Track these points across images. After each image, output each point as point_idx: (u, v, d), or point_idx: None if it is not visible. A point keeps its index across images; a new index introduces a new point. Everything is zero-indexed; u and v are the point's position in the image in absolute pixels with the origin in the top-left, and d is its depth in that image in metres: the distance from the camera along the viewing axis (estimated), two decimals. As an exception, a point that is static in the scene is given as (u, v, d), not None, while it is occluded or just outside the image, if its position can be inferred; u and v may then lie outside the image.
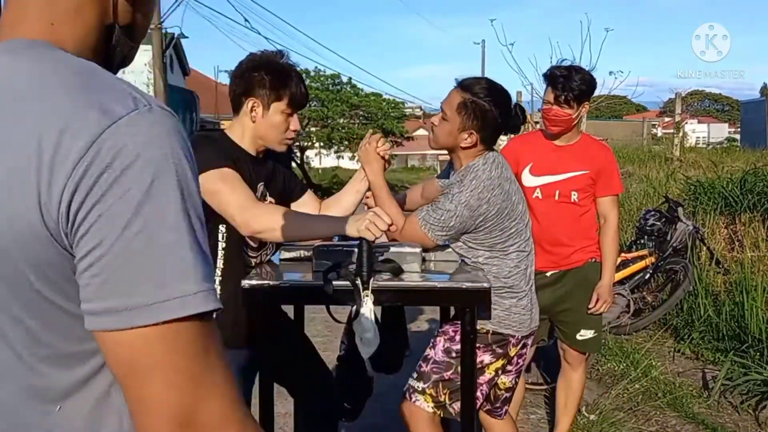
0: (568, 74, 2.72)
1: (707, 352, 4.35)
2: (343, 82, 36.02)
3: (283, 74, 2.01)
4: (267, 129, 2.03)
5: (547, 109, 2.79)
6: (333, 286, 1.85)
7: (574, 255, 2.93)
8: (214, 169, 1.88)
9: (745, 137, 24.19)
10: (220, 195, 1.88)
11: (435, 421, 2.29)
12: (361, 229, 1.82)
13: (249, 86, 2.01)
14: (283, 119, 2.03)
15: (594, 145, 2.99)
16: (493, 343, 2.26)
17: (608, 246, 2.94)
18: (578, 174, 2.86)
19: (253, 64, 2.02)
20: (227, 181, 1.89)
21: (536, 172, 2.88)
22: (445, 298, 2.06)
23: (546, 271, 2.91)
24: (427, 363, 2.30)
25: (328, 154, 42.62)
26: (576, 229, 2.91)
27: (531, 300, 2.32)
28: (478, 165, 2.19)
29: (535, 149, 2.91)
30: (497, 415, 2.48)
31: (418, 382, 2.30)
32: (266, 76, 1.99)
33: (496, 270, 2.22)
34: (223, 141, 2.04)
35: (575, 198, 2.88)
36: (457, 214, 2.12)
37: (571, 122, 2.79)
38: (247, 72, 2.01)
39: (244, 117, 2.03)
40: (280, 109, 2.02)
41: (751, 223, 5.98)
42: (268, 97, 2.00)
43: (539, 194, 2.87)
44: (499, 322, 2.25)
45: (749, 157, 10.73)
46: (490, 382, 2.32)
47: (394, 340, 2.49)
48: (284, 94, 2.01)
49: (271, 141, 2.07)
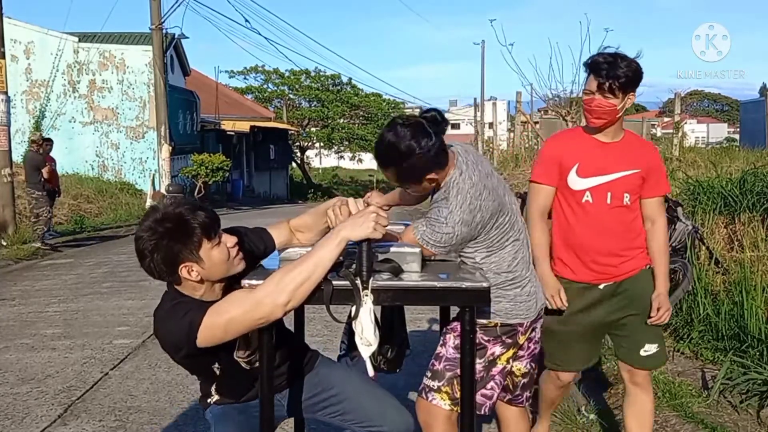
0: (613, 61, 2.49)
1: (707, 352, 4.35)
2: (344, 83, 36.04)
3: (180, 227, 1.87)
4: (216, 271, 1.94)
5: (588, 99, 2.53)
6: (333, 285, 1.86)
7: (627, 264, 2.68)
8: (203, 317, 1.84)
9: (744, 137, 24.16)
10: (234, 321, 1.83)
11: (452, 419, 2.30)
12: (368, 231, 1.82)
13: (168, 261, 1.89)
14: (219, 250, 1.92)
15: (640, 142, 2.78)
16: (502, 335, 2.28)
17: (660, 251, 2.71)
18: (629, 173, 2.61)
19: (152, 244, 1.87)
20: (223, 310, 1.85)
21: (584, 173, 2.61)
22: (445, 298, 2.06)
23: (598, 283, 2.68)
24: (440, 361, 2.31)
25: (329, 154, 42.68)
26: (629, 235, 2.67)
27: (534, 284, 2.34)
28: (455, 178, 2.15)
29: (579, 148, 2.64)
30: (518, 402, 2.51)
31: (432, 380, 2.31)
32: (171, 243, 1.86)
33: (496, 266, 2.24)
34: (188, 299, 1.96)
35: (627, 201, 2.62)
36: (456, 233, 2.12)
37: (615, 114, 2.53)
38: (154, 253, 1.87)
39: (189, 282, 1.94)
40: (208, 248, 1.90)
41: (751, 222, 5.98)
42: (192, 254, 1.88)
43: (590, 197, 2.61)
44: (506, 314, 2.27)
45: (748, 157, 10.73)
46: (503, 372, 2.34)
47: (394, 340, 2.50)
48: (199, 238, 1.88)
49: (227, 272, 1.96)
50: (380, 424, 2.18)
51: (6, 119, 10.90)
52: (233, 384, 2.12)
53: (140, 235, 1.90)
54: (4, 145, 10.89)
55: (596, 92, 2.51)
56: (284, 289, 1.80)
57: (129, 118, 20.07)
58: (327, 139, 36.83)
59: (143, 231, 1.89)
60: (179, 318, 1.88)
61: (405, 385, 3.62)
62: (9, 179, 10.99)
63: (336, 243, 1.85)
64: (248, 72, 36.91)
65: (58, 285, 7.67)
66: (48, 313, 6.28)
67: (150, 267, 1.91)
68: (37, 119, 19.39)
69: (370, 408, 2.20)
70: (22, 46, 19.30)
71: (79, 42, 19.92)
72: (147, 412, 3.79)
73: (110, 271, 8.61)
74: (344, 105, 35.68)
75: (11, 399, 4.03)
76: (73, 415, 3.78)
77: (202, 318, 1.84)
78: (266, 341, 1.91)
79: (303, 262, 1.84)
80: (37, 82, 19.63)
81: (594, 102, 2.51)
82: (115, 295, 7.03)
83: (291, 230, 2.26)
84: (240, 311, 1.83)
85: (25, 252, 10.03)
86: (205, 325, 1.84)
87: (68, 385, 4.25)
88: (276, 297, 1.80)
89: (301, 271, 1.82)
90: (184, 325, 1.86)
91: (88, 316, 6.14)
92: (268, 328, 1.89)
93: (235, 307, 1.84)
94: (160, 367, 4.58)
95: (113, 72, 19.94)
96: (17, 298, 6.98)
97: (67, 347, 5.11)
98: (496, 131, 26.10)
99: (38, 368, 4.60)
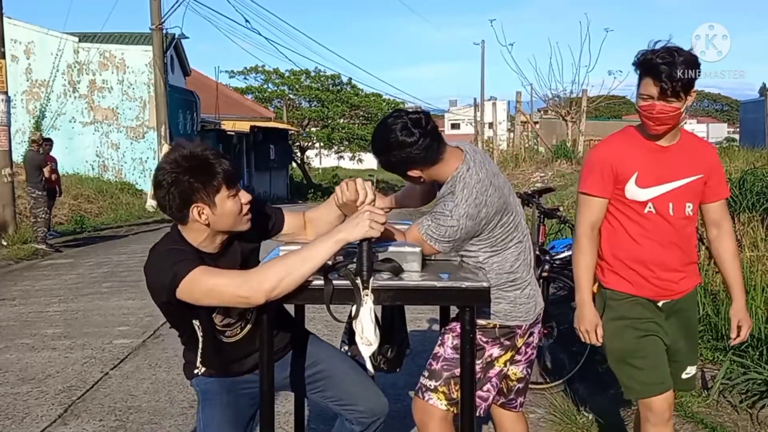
0: (671, 59, 2.19)
1: (706, 352, 4.35)
2: (344, 83, 36.04)
3: (203, 166, 1.90)
4: (225, 221, 1.95)
5: (648, 106, 2.23)
6: (333, 285, 1.86)
7: (685, 281, 2.45)
8: (189, 272, 1.85)
9: (744, 137, 24.18)
10: (216, 289, 1.85)
11: (448, 418, 2.30)
12: (366, 231, 1.83)
13: (183, 197, 1.90)
14: (232, 202, 1.94)
15: (699, 143, 2.50)
16: (501, 336, 2.28)
17: (733, 258, 2.47)
18: (692, 180, 2.35)
19: (171, 176, 1.89)
20: (212, 275, 1.86)
21: (644, 182, 2.33)
22: (445, 298, 2.07)
23: (657, 300, 2.43)
24: (438, 360, 2.31)
25: (329, 154, 42.66)
26: (689, 249, 2.45)
27: (533, 287, 2.34)
28: (462, 172, 2.17)
29: (636, 154, 2.35)
30: (512, 407, 2.49)
31: (429, 380, 2.31)
32: (191, 179, 1.89)
33: (498, 267, 2.24)
34: (186, 247, 1.97)
35: (689, 211, 2.37)
36: (461, 227, 2.13)
37: (678, 118, 2.26)
38: (172, 185, 1.89)
39: (195, 224, 1.95)
40: (224, 196, 1.93)
41: (750, 222, 5.98)
42: (208, 196, 1.90)
43: (652, 209, 2.35)
44: (505, 315, 2.27)
45: (748, 157, 10.73)
46: (499, 374, 2.34)
47: (394, 340, 2.50)
48: (218, 182, 1.91)
49: (234, 226, 1.98)
50: (357, 404, 2.21)
51: (6, 119, 10.91)
52: (217, 355, 2.11)
53: (163, 166, 1.92)
54: (4, 145, 10.89)
55: (657, 98, 2.21)
56: (270, 277, 1.83)
57: (129, 118, 20.07)
58: (327, 139, 36.83)
59: (167, 163, 1.91)
60: (171, 263, 1.89)
61: (405, 384, 3.63)
62: (9, 179, 10.99)
63: (331, 243, 1.86)
64: (248, 72, 36.91)
65: (59, 285, 7.67)
66: (48, 313, 6.28)
67: (164, 199, 1.92)
68: (37, 119, 19.39)
69: (349, 388, 2.23)
70: (22, 46, 19.30)
71: (79, 42, 19.91)
72: (147, 412, 3.79)
73: (110, 271, 8.61)
74: (344, 105, 35.68)
75: (11, 399, 4.03)
76: (73, 415, 3.78)
77: (190, 270, 1.85)
78: (266, 341, 1.91)
79: (295, 255, 1.87)
80: (37, 82, 19.62)
81: (656, 109, 2.21)
82: (115, 295, 7.03)
83: (305, 221, 2.28)
84: (226, 282, 1.85)
85: (26, 252, 10.03)
86: (190, 278, 1.85)
87: (68, 385, 4.25)
88: (262, 282, 1.83)
89: (290, 263, 1.85)
90: (171, 271, 1.87)
91: (89, 316, 6.14)
92: (268, 312, 1.90)
93: (225, 277, 1.87)
94: (160, 367, 4.58)
95: (113, 72, 19.94)
96: (17, 298, 6.99)
97: (68, 347, 5.11)
98: (496, 131, 26.11)
99: (38, 368, 4.60)
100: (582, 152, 16.51)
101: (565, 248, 4.89)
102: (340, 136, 36.65)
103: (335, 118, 35.95)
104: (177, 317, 2.06)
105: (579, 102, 18.20)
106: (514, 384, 2.44)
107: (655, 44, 2.28)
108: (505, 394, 2.44)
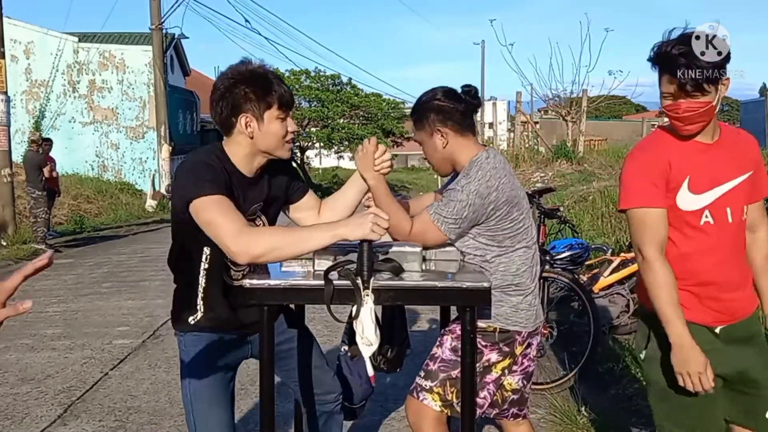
0: (687, 50, 1.90)
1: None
2: (343, 83, 36.02)
3: (263, 81, 1.97)
4: (268, 140, 2.00)
5: (672, 105, 1.95)
6: (333, 285, 1.85)
7: (746, 300, 2.11)
8: (206, 196, 1.87)
9: (744, 137, 24.14)
10: (214, 224, 1.86)
11: (441, 419, 2.30)
12: (367, 232, 1.82)
13: (235, 104, 1.96)
14: (279, 124, 2.00)
15: (741, 134, 2.18)
16: (500, 341, 2.27)
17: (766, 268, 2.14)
18: (744, 178, 2.05)
19: (230, 82, 1.97)
20: (220, 209, 1.87)
21: (698, 187, 2.00)
22: (445, 298, 2.06)
23: (714, 326, 2.06)
24: (435, 361, 2.31)
25: (328, 155, 42.65)
26: (747, 262, 2.13)
27: (535, 297, 2.34)
28: (481, 158, 2.22)
29: (685, 155, 2.02)
30: (505, 417, 2.46)
31: (425, 380, 2.30)
32: (248, 89, 1.95)
33: (504, 267, 2.23)
34: (219, 162, 1.99)
35: (746, 214, 2.07)
36: (469, 203, 2.14)
37: (712, 112, 1.95)
38: (228, 91, 1.96)
39: (240, 136, 2.00)
40: (274, 115, 1.99)
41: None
42: (258, 109, 1.96)
43: (709, 218, 2.01)
44: (506, 319, 2.26)
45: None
46: (496, 381, 2.32)
47: (394, 340, 2.50)
48: (272, 99, 1.97)
49: (274, 149, 2.03)
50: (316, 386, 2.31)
51: (6, 119, 10.90)
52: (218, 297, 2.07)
53: (225, 73, 2.00)
54: (4, 145, 10.89)
55: (680, 95, 1.93)
56: (261, 245, 1.83)
57: (129, 118, 20.07)
58: (327, 140, 36.82)
59: (230, 71, 1.99)
60: (198, 177, 1.92)
61: (405, 385, 3.62)
62: (9, 179, 10.99)
63: (329, 235, 1.85)
64: (248, 72, 36.90)
65: (58, 285, 7.67)
66: (48, 313, 6.28)
67: (218, 104, 1.99)
68: (37, 119, 19.39)
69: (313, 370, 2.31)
70: (22, 46, 19.30)
71: (79, 42, 19.92)
72: (147, 412, 3.79)
73: (110, 271, 8.61)
74: (344, 105, 35.68)
75: (11, 399, 4.03)
76: (73, 415, 3.77)
77: (208, 194, 1.87)
78: (266, 338, 1.91)
79: (292, 234, 1.89)
80: (37, 82, 19.63)
81: (681, 108, 1.93)
82: (115, 295, 7.03)
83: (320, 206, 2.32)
84: (226, 225, 1.84)
85: (25, 252, 10.03)
86: (204, 200, 1.87)
87: (68, 386, 4.25)
88: (252, 245, 1.82)
89: (285, 240, 1.85)
90: (195, 185, 1.90)
91: (88, 316, 6.14)
92: (270, 314, 1.89)
93: (228, 220, 1.85)
94: (160, 367, 4.58)
95: (113, 72, 19.95)
96: (17, 298, 6.95)
97: (67, 347, 5.10)
98: (496, 131, 26.12)
99: (38, 368, 4.60)
100: (582, 152, 16.51)
101: (565, 248, 4.89)
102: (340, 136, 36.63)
103: (335, 118, 35.94)
104: (191, 237, 2.01)
105: (579, 102, 18.18)
106: (509, 394, 2.39)
107: (670, 33, 1.98)
108: (499, 404, 2.39)
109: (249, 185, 2.05)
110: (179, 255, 2.13)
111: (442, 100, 2.25)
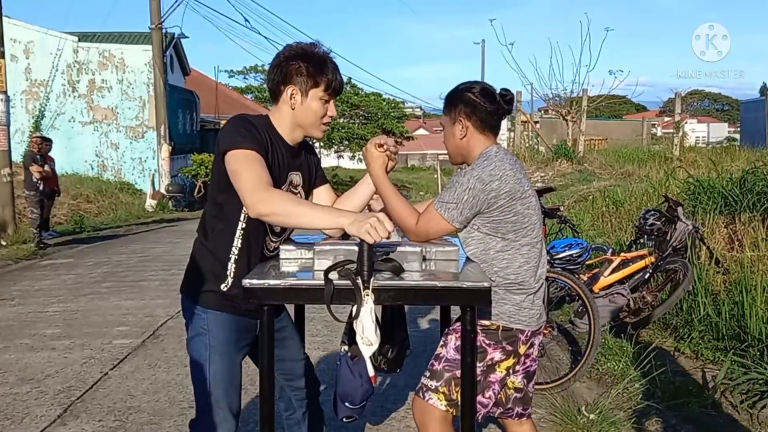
0: None
1: (707, 352, 4.35)
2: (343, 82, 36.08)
3: (319, 62, 2.09)
4: (306, 115, 2.11)
5: None
6: (333, 285, 1.85)
7: None
8: (240, 149, 1.97)
9: (744, 137, 24.19)
10: (239, 175, 1.95)
11: (447, 419, 2.30)
12: (361, 231, 1.82)
13: (287, 75, 2.08)
14: (320, 105, 2.11)
15: None
16: (503, 340, 2.27)
17: None
18: None
19: (290, 53, 2.09)
20: (248, 163, 1.96)
21: None
22: (445, 298, 2.06)
23: None
24: (440, 361, 2.31)
25: (328, 154, 42.63)
26: None
27: (539, 297, 2.33)
28: (490, 151, 2.26)
29: None
30: (509, 416, 2.47)
31: (430, 380, 2.30)
32: (303, 64, 2.07)
33: (506, 264, 2.23)
34: (263, 125, 2.10)
35: None
36: (469, 187, 2.17)
37: None
38: (285, 61, 2.09)
39: (284, 105, 2.11)
40: (318, 95, 2.10)
41: (751, 222, 5.99)
42: (306, 84, 2.08)
43: None
44: (509, 317, 2.26)
45: (749, 157, 10.74)
46: (501, 381, 2.32)
47: (394, 340, 2.50)
48: (321, 80, 2.09)
49: (310, 126, 2.14)
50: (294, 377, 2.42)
51: (6, 119, 10.89)
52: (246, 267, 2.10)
53: (290, 45, 2.14)
54: (3, 145, 10.88)
55: None
56: (273, 206, 1.92)
57: (129, 117, 20.05)
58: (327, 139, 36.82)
59: (295, 45, 2.13)
60: (241, 130, 2.03)
61: (405, 385, 3.63)
62: (9, 179, 10.99)
63: (331, 219, 1.93)
64: (248, 72, 36.88)
65: (58, 285, 7.66)
66: (48, 313, 6.27)
67: (273, 71, 2.12)
68: (37, 119, 19.38)
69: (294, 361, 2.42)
70: (22, 46, 19.28)
71: (79, 42, 19.90)
72: (147, 412, 3.79)
73: (110, 271, 8.60)
74: (344, 105, 35.68)
75: (11, 399, 4.02)
76: (73, 415, 3.77)
77: (244, 147, 1.98)
78: (266, 341, 1.91)
79: (303, 207, 1.98)
80: (37, 81, 19.61)
81: None
82: (114, 295, 7.02)
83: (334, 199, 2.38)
84: (249, 177, 1.94)
85: (25, 252, 10.03)
86: (238, 151, 1.98)
87: (68, 385, 4.24)
88: (266, 202, 1.92)
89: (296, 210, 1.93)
90: (236, 136, 2.02)
91: (88, 316, 6.13)
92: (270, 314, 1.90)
93: (253, 175, 1.95)
94: (159, 367, 4.58)
95: (113, 72, 19.93)
96: (17, 298, 6.98)
97: (67, 347, 5.10)
98: (496, 131, 26.02)
99: (38, 368, 4.60)
100: (582, 152, 16.51)
101: (565, 248, 4.90)
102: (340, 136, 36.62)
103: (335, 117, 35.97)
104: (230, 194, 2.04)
105: (579, 101, 18.18)
106: (512, 393, 2.40)
107: None
108: (503, 404, 2.41)
109: (289, 152, 2.16)
110: (218, 213, 2.16)
111: (475, 94, 2.29)
